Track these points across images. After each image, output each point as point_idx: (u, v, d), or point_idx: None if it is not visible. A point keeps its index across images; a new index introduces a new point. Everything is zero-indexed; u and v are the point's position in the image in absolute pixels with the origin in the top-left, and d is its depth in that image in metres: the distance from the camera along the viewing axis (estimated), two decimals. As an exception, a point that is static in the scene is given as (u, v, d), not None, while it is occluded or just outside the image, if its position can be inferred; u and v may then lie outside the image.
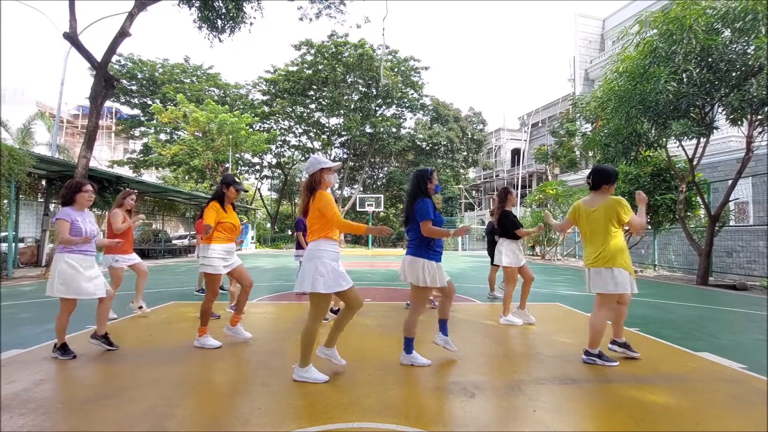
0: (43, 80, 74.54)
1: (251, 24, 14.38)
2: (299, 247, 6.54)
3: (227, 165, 24.59)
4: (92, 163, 12.86)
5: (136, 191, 5.23)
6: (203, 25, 13.79)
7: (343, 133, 32.92)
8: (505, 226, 4.90)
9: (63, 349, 3.35)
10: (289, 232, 37.29)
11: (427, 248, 3.19)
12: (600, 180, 3.33)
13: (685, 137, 8.45)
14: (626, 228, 3.28)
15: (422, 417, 2.31)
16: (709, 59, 7.55)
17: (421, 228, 3.15)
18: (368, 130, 32.37)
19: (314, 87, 31.79)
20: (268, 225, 37.91)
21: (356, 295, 2.93)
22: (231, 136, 23.36)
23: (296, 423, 2.22)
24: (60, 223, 3.25)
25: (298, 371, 2.85)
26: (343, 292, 2.86)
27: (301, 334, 2.87)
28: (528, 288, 4.91)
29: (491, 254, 6.36)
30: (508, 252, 4.80)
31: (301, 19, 16.80)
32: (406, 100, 32.78)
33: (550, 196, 17.21)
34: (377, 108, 32.51)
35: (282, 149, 35.65)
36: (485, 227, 7.18)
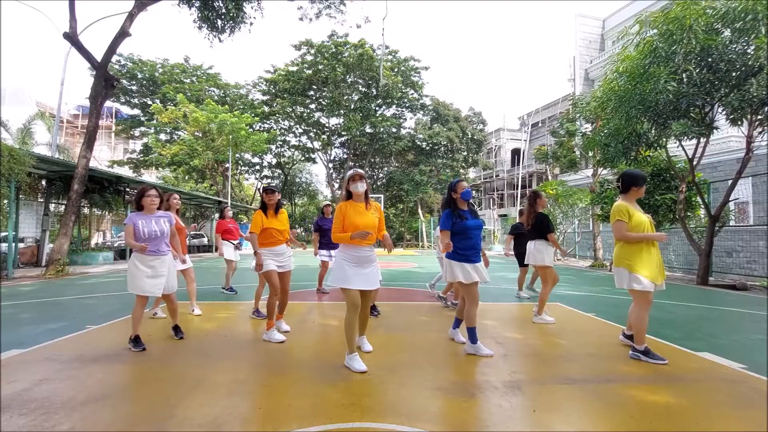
0: (43, 80, 74.62)
1: (251, 24, 14.41)
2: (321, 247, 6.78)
3: (227, 165, 24.59)
4: (92, 163, 12.87)
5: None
6: (203, 25, 13.81)
7: (343, 133, 32.90)
8: (540, 229, 5.07)
9: (135, 341, 3.59)
10: (290, 232, 37.26)
11: (455, 251, 3.59)
12: (626, 183, 3.51)
13: (685, 137, 8.44)
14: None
15: (422, 417, 2.31)
16: (709, 59, 7.54)
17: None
18: (368, 130, 32.35)
19: (314, 87, 31.76)
20: (269, 225, 37.83)
21: (349, 297, 3.09)
22: (231, 136, 23.35)
23: (296, 423, 2.22)
24: (125, 228, 3.69)
25: (346, 357, 3.15)
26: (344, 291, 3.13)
27: None
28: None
29: (520, 255, 6.51)
30: (548, 252, 4.99)
31: (301, 19, 16.84)
32: (406, 100, 32.75)
33: (550, 196, 17.20)
34: (377, 108, 32.49)
35: (282, 149, 35.64)
36: (511, 228, 7.33)
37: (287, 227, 4.28)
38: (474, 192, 41.40)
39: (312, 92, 32.35)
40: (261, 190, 4.18)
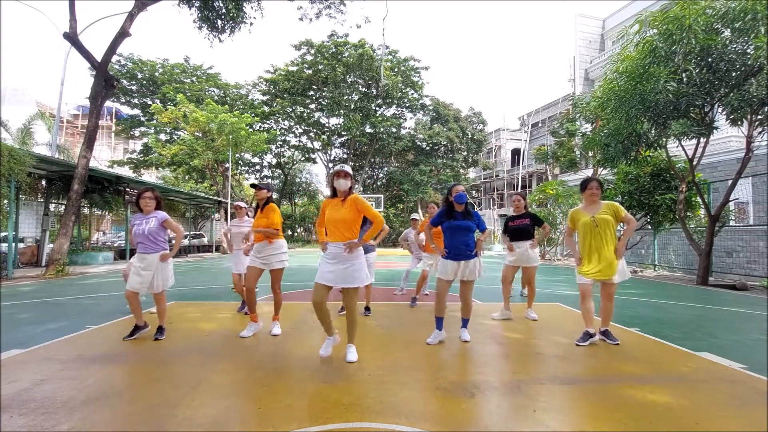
0: (43, 80, 74.68)
1: (251, 24, 14.42)
2: None
3: (227, 165, 24.57)
4: (92, 163, 12.86)
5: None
6: (203, 25, 13.81)
7: (343, 133, 32.90)
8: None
9: (133, 330, 3.95)
10: (290, 232, 37.25)
11: (446, 248, 3.91)
12: (580, 188, 4.14)
13: (685, 137, 8.44)
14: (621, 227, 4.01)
15: (422, 417, 2.31)
16: (709, 59, 7.54)
17: None
18: (368, 130, 32.35)
19: (314, 87, 31.77)
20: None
21: (314, 289, 3.37)
22: (231, 136, 23.33)
23: (296, 423, 2.22)
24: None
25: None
26: None
27: None
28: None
29: None
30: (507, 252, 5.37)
31: (301, 19, 16.85)
32: (406, 100, 32.76)
33: (550, 196, 17.20)
34: (377, 108, 32.50)
35: (282, 149, 35.64)
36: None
37: (261, 222, 4.12)
38: (474, 192, 41.42)
39: (312, 92, 32.36)
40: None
